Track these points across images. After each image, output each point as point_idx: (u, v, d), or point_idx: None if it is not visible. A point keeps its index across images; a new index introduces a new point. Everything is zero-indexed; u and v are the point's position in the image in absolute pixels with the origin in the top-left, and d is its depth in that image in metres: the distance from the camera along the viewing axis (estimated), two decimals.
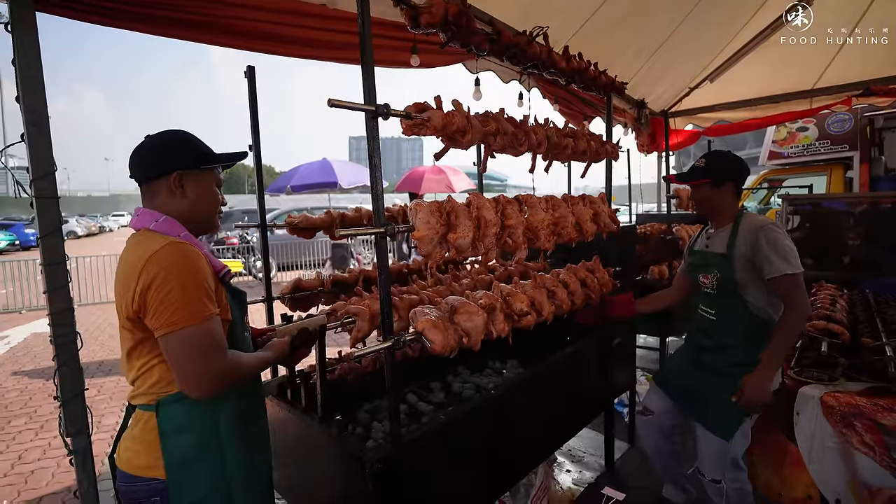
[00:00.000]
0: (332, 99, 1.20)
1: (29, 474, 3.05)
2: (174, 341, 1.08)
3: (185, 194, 1.25)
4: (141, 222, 1.21)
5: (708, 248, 2.09)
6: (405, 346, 1.43)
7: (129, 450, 1.20)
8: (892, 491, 1.80)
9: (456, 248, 1.50)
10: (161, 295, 1.07)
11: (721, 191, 2.00)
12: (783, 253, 1.80)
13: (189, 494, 1.18)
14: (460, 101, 1.56)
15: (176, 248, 1.12)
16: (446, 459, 1.64)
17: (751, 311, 1.93)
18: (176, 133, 1.28)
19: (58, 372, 1.53)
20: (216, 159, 1.30)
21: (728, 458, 1.93)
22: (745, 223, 1.95)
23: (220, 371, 1.13)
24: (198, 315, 1.10)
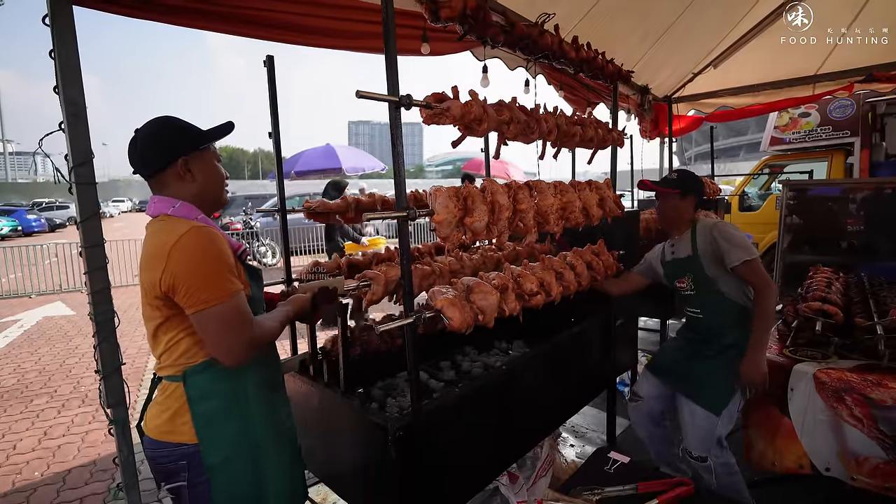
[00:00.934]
0: (360, 91, 1.27)
1: (56, 449, 3.19)
2: (207, 318, 1.16)
3: (194, 177, 1.30)
4: (158, 209, 1.27)
5: (675, 254, 2.29)
6: (425, 321, 1.52)
7: (157, 417, 1.28)
8: (878, 460, 1.93)
9: (472, 231, 1.59)
10: (191, 276, 1.15)
11: (685, 202, 2.23)
12: (736, 243, 2.04)
13: (216, 454, 1.26)
14: (476, 92, 1.63)
15: (200, 232, 1.20)
16: (460, 430, 1.75)
17: (728, 300, 2.12)
18: (166, 121, 1.31)
19: (98, 348, 1.63)
20: (210, 136, 1.34)
21: (714, 435, 2.06)
22: (700, 226, 2.20)
23: (250, 340, 1.21)
24: (226, 292, 1.18)
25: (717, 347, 2.14)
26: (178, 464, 1.26)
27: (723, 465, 2.08)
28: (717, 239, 2.08)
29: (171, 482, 1.28)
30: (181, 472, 1.26)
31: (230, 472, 1.29)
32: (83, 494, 2.68)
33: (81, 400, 4.01)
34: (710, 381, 2.09)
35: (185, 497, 1.28)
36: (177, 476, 1.27)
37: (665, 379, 2.32)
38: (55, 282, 8.86)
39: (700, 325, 2.24)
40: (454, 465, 1.74)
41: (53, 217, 25.27)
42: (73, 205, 1.60)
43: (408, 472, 1.53)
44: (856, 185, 4.52)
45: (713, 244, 2.09)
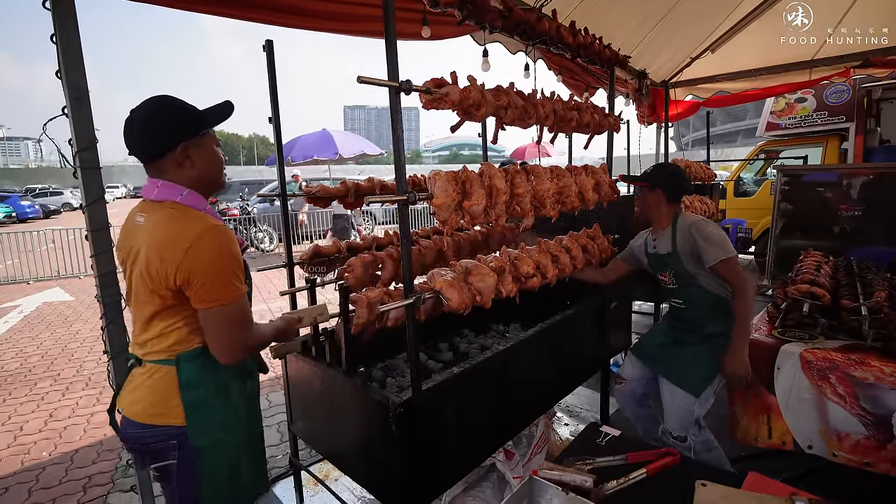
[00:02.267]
0: (361, 76, 1.30)
1: (62, 430, 3.25)
2: (215, 315, 1.22)
3: (194, 163, 1.28)
4: (164, 194, 1.26)
5: (657, 249, 2.35)
6: (425, 302, 1.57)
7: (143, 400, 1.28)
8: (859, 436, 2.01)
9: (470, 215, 1.63)
10: (208, 274, 1.19)
11: (652, 195, 2.29)
12: (713, 242, 2.09)
13: (205, 437, 1.30)
14: (475, 77, 1.65)
15: (219, 231, 1.22)
16: (458, 409, 1.81)
17: (709, 292, 2.20)
18: (164, 102, 1.26)
19: (106, 329, 1.67)
20: (210, 119, 1.31)
21: (692, 416, 2.14)
22: (680, 223, 2.24)
23: (248, 342, 1.29)
24: (236, 293, 1.23)
25: (701, 335, 2.23)
26: (168, 443, 1.28)
27: (702, 443, 2.18)
28: (695, 237, 2.14)
29: (160, 461, 1.29)
30: (171, 451, 1.28)
31: (218, 453, 1.33)
32: (91, 473, 2.75)
33: (85, 383, 4.07)
34: (692, 364, 2.18)
35: (173, 474, 1.30)
36: (165, 455, 1.29)
37: (648, 362, 2.40)
38: (53, 268, 8.86)
39: (683, 314, 2.33)
40: (452, 442, 1.80)
41: (47, 203, 25.07)
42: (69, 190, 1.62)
43: (408, 448, 1.59)
44: (849, 170, 4.56)
45: (692, 242, 2.15)
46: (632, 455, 1.29)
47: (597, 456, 1.31)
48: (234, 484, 1.39)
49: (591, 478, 1.14)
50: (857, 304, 2.29)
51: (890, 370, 1.95)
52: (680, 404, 2.15)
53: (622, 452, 1.32)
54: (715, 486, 1.15)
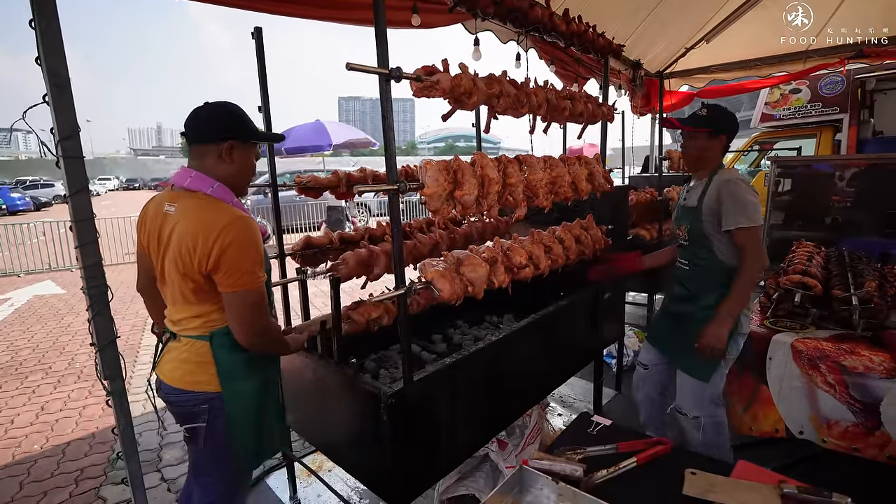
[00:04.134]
0: (350, 63, 1.27)
1: (54, 423, 3.23)
2: (238, 299, 1.34)
3: (233, 161, 1.44)
4: (196, 184, 1.39)
5: (686, 201, 2.20)
6: (416, 293, 1.56)
7: (180, 369, 1.45)
8: (847, 423, 2.03)
9: (462, 205, 1.61)
10: (234, 261, 1.30)
11: (714, 142, 2.06)
12: (742, 206, 1.91)
13: (236, 404, 1.46)
14: (466, 65, 1.63)
15: (245, 223, 1.34)
16: (451, 399, 1.81)
17: (719, 260, 2.05)
18: (233, 107, 1.46)
19: (92, 321, 1.65)
20: (262, 136, 1.53)
21: (706, 397, 2.10)
22: (716, 178, 2.05)
23: (263, 327, 1.40)
24: (257, 281, 1.35)
25: (701, 310, 2.08)
26: (200, 407, 1.44)
27: (714, 425, 2.11)
28: (723, 196, 1.95)
29: (191, 423, 1.46)
30: (202, 414, 1.44)
31: (246, 421, 1.49)
32: (83, 465, 2.74)
33: (77, 376, 4.04)
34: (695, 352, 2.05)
35: (201, 436, 1.46)
36: (197, 418, 1.44)
37: (660, 347, 2.36)
38: (44, 261, 8.77)
39: (686, 278, 2.20)
40: (445, 433, 1.80)
41: (38, 196, 24.78)
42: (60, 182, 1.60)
43: (400, 439, 1.59)
44: (841, 161, 4.58)
45: (718, 200, 1.97)
46: (622, 444, 1.30)
47: (587, 445, 1.31)
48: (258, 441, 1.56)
49: (581, 467, 1.14)
50: (847, 294, 2.31)
51: (879, 359, 1.97)
52: (692, 390, 2.12)
53: (613, 442, 1.32)
54: (704, 475, 1.16)
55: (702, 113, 2.08)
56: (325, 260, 2.41)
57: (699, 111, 2.10)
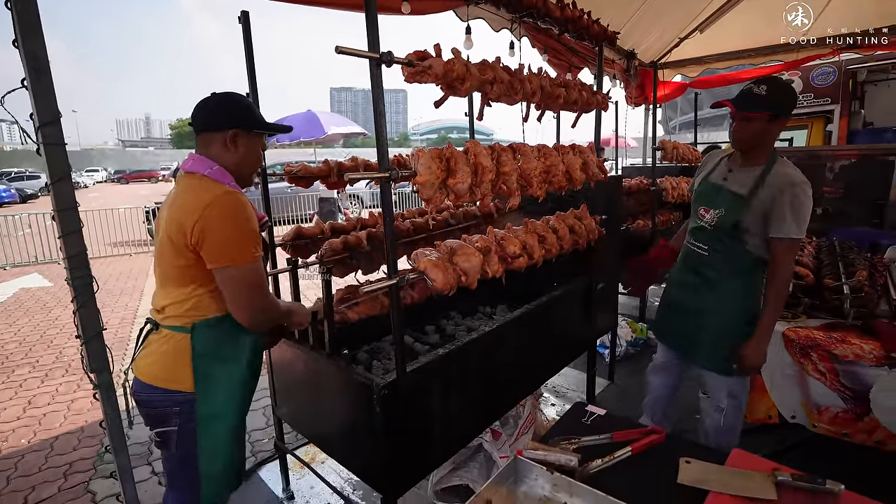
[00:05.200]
0: (340, 46, 1.23)
1: (42, 417, 3.19)
2: (231, 274, 1.29)
3: (237, 150, 1.43)
4: (195, 167, 1.39)
5: (726, 182, 1.91)
6: (408, 283, 1.54)
7: (156, 364, 1.38)
8: (837, 409, 2.05)
9: (455, 193, 1.58)
10: (221, 232, 1.27)
11: (774, 127, 1.78)
12: (800, 216, 1.72)
13: (210, 406, 1.38)
14: (459, 50, 1.59)
15: (233, 196, 1.31)
16: (445, 390, 1.80)
17: (748, 251, 1.88)
18: (240, 97, 1.48)
19: (77, 313, 1.61)
20: (267, 127, 1.51)
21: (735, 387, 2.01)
22: (777, 172, 1.78)
23: (263, 305, 1.36)
24: (249, 255, 1.30)
25: (716, 300, 1.97)
26: (171, 409, 1.37)
27: (735, 409, 2.02)
28: (785, 201, 1.72)
29: (162, 426, 1.38)
30: (173, 417, 1.37)
31: (219, 426, 1.40)
32: (72, 460, 2.70)
33: (65, 369, 3.98)
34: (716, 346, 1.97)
35: (172, 441, 1.39)
36: (168, 421, 1.37)
37: (671, 343, 2.24)
38: (30, 253, 8.62)
39: (701, 263, 2.01)
40: (438, 423, 1.79)
41: (24, 187, 24.34)
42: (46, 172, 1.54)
43: (393, 430, 1.58)
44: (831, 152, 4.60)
45: (777, 201, 1.73)
46: (617, 434, 1.29)
47: (582, 435, 1.30)
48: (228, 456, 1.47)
49: (575, 457, 1.14)
50: (839, 284, 2.32)
51: (869, 348, 1.99)
52: (721, 382, 2.01)
53: (607, 431, 1.32)
54: (699, 464, 1.16)
55: (759, 91, 1.72)
56: (317, 251, 2.38)
57: (755, 89, 1.74)
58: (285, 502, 2.33)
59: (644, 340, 3.88)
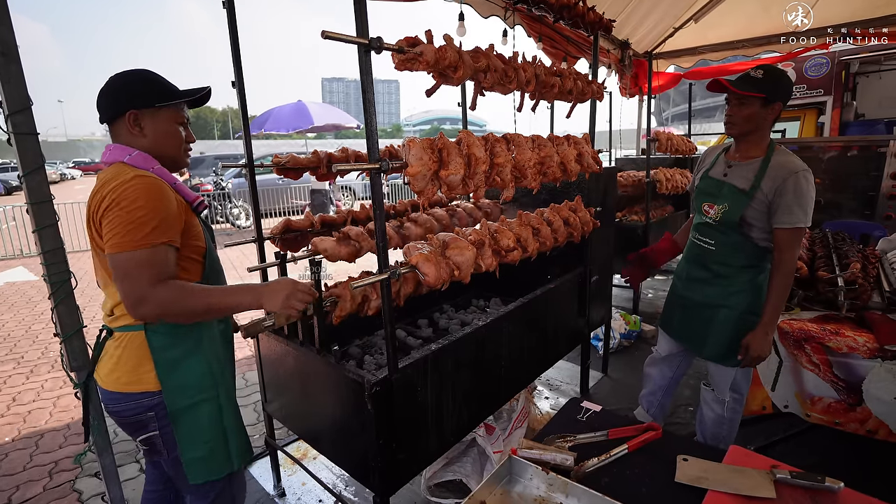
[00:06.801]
0: (326, 31, 1.18)
1: (26, 414, 3.12)
2: (116, 261, 1.14)
3: (144, 133, 1.29)
4: (113, 156, 1.26)
5: (726, 178, 1.91)
6: (400, 277, 1.49)
7: (116, 370, 1.27)
8: (830, 399, 2.06)
9: (447, 185, 1.54)
10: (112, 216, 1.14)
11: (767, 111, 1.79)
12: (803, 204, 1.70)
13: (181, 399, 1.29)
14: (451, 36, 1.54)
15: (142, 180, 1.17)
16: (437, 385, 1.77)
17: (754, 243, 1.88)
18: (134, 73, 1.30)
19: (55, 310, 1.55)
20: (171, 96, 1.32)
21: (738, 379, 2.04)
22: (776, 162, 1.78)
23: (158, 298, 1.13)
24: (144, 241, 1.13)
25: (722, 293, 1.96)
26: (146, 414, 1.28)
27: (736, 401, 2.05)
28: (788, 189, 1.71)
29: (142, 433, 1.30)
30: (150, 422, 1.28)
31: (195, 415, 1.31)
32: (57, 458, 2.65)
33: (50, 366, 3.91)
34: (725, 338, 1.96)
35: (159, 445, 1.31)
36: (146, 427, 1.29)
37: (677, 336, 2.21)
38: (15, 246, 8.45)
39: (707, 258, 2.00)
40: (431, 420, 1.76)
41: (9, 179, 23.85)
42: None
43: (385, 428, 1.55)
44: (823, 143, 4.60)
45: (780, 191, 1.72)
46: (613, 431, 1.27)
47: (577, 433, 1.28)
48: (221, 445, 1.37)
49: (571, 456, 1.11)
50: (833, 276, 2.31)
51: (863, 340, 1.98)
52: (726, 374, 2.02)
53: (603, 429, 1.29)
54: (696, 461, 1.13)
55: (756, 75, 1.77)
56: (306, 244, 2.33)
57: (752, 73, 1.78)
58: (276, 499, 2.30)
59: (637, 333, 3.87)
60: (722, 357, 2.00)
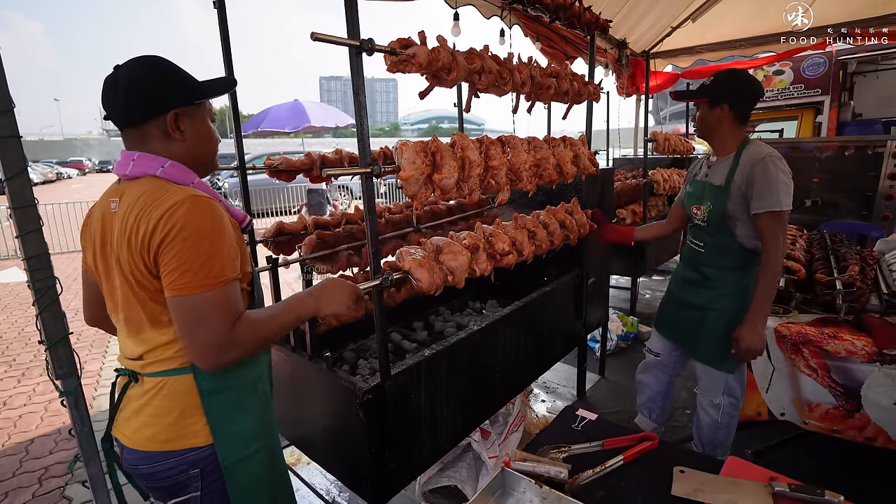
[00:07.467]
0: (315, 32, 1.15)
1: (17, 418, 3.08)
2: (180, 306, 0.96)
3: (184, 136, 1.08)
4: (142, 168, 1.03)
5: (707, 178, 1.99)
6: (392, 284, 1.47)
7: (152, 424, 1.05)
8: (828, 405, 2.03)
9: (441, 189, 1.51)
10: (176, 250, 0.95)
11: (715, 113, 1.89)
12: (775, 188, 1.73)
13: (235, 453, 1.09)
14: (444, 37, 1.51)
15: (200, 203, 0.98)
16: (431, 391, 1.74)
17: (740, 243, 1.90)
18: (159, 63, 1.06)
19: (39, 317, 1.52)
20: (209, 90, 1.13)
21: (731, 383, 2.00)
22: (746, 154, 1.85)
23: (238, 341, 0.99)
24: (215, 280, 0.97)
25: (715, 296, 1.98)
26: (188, 473, 1.06)
27: (731, 406, 2.03)
28: (755, 176, 1.76)
29: (180, 496, 1.08)
30: (192, 482, 1.07)
31: (249, 468, 1.13)
32: (48, 464, 2.61)
33: (43, 369, 3.86)
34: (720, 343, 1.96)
35: None
36: (187, 488, 1.07)
37: (670, 336, 2.23)
38: (10, 246, 8.39)
39: (699, 260, 2.05)
40: (425, 427, 1.74)
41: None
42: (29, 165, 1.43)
43: (377, 436, 1.52)
44: (821, 143, 4.58)
45: (750, 179, 1.78)
46: (608, 441, 1.24)
47: (572, 443, 1.25)
48: (281, 496, 1.25)
49: (565, 469, 1.08)
50: (831, 279, 2.29)
51: (861, 344, 1.96)
52: (717, 378, 2.01)
53: (599, 438, 1.27)
54: (693, 473, 1.11)
55: (706, 82, 1.92)
56: None
57: (706, 80, 1.93)
58: None
59: (635, 334, 3.85)
60: (713, 360, 2.01)
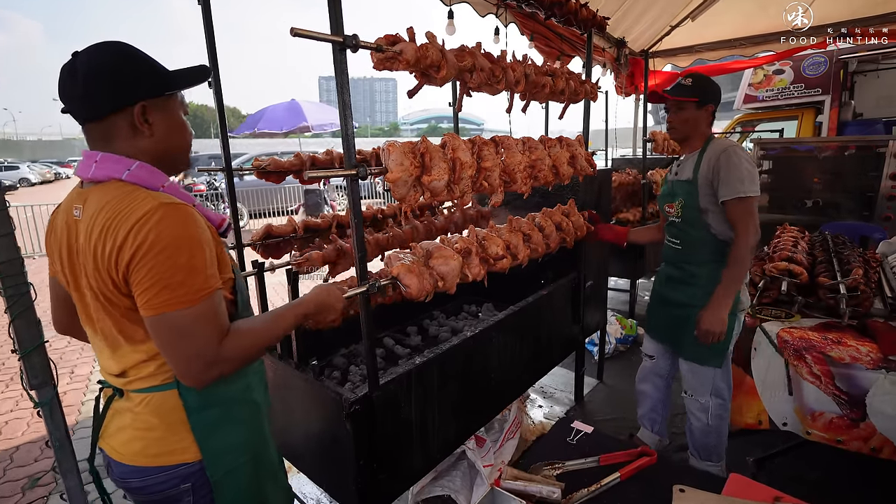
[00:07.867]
0: (295, 28, 1.09)
1: (3, 425, 3.02)
2: (169, 322, 0.89)
3: (153, 130, 0.99)
4: (106, 170, 0.94)
5: (677, 175, 2.08)
6: (380, 290, 1.41)
7: (140, 439, 1.02)
8: (832, 415, 1.97)
9: (430, 191, 1.45)
10: (149, 266, 0.87)
11: (702, 113, 1.98)
12: (740, 176, 1.80)
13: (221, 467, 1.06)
14: (434, 34, 1.45)
15: (172, 211, 0.90)
16: (422, 400, 1.69)
17: (714, 236, 1.96)
18: (123, 49, 0.96)
19: (12, 325, 1.46)
20: (181, 80, 1.03)
21: (716, 381, 2.04)
22: (710, 148, 1.95)
23: (227, 356, 0.94)
24: (196, 295, 0.90)
25: (697, 293, 2.01)
26: (179, 488, 1.03)
27: (720, 407, 2.07)
28: (719, 166, 1.85)
29: None
30: (184, 496, 1.04)
31: (236, 480, 1.09)
32: (32, 472, 2.55)
33: None
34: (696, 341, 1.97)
35: None
36: (178, 502, 1.04)
37: (659, 337, 2.27)
38: None
39: (678, 258, 2.10)
40: (416, 436, 1.68)
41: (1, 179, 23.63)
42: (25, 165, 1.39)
43: (365, 448, 1.46)
44: (821, 143, 4.53)
45: (715, 169, 1.86)
46: (604, 457, 1.18)
47: (567, 458, 1.19)
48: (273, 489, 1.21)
49: (558, 488, 1.02)
50: (835, 282, 2.23)
51: (866, 349, 1.90)
52: (702, 374, 2.05)
53: (594, 453, 1.21)
54: (694, 492, 1.05)
55: (686, 83, 1.98)
56: (289, 250, 2.24)
57: (683, 81, 2.00)
58: None
59: (633, 337, 3.80)
60: (699, 357, 2.03)
